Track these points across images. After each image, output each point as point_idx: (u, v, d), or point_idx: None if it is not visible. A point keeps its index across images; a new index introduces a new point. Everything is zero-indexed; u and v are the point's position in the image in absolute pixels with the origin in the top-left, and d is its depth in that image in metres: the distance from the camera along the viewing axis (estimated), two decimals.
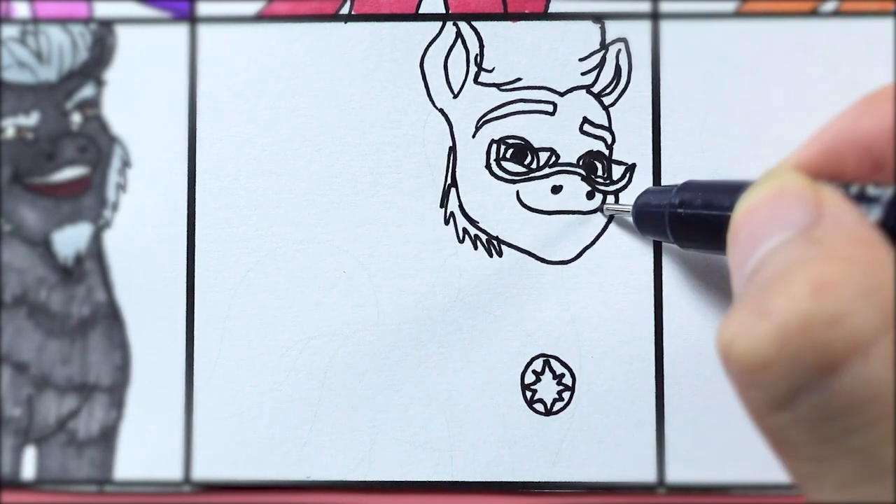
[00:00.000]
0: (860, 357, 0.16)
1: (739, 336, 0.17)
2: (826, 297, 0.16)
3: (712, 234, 0.23)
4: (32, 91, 0.31)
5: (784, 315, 0.17)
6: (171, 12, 0.31)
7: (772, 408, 0.17)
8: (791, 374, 0.17)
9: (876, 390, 0.16)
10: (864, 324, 0.16)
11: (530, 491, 0.30)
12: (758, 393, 0.17)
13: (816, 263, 0.17)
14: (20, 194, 0.31)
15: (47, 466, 0.30)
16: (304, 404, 0.30)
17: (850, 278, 0.17)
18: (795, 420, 0.17)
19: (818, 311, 0.16)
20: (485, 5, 0.31)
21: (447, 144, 0.30)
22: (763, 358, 0.17)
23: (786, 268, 0.17)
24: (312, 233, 0.30)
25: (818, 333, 0.16)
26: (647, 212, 0.28)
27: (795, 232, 0.18)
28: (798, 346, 0.17)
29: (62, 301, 0.31)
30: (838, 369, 0.16)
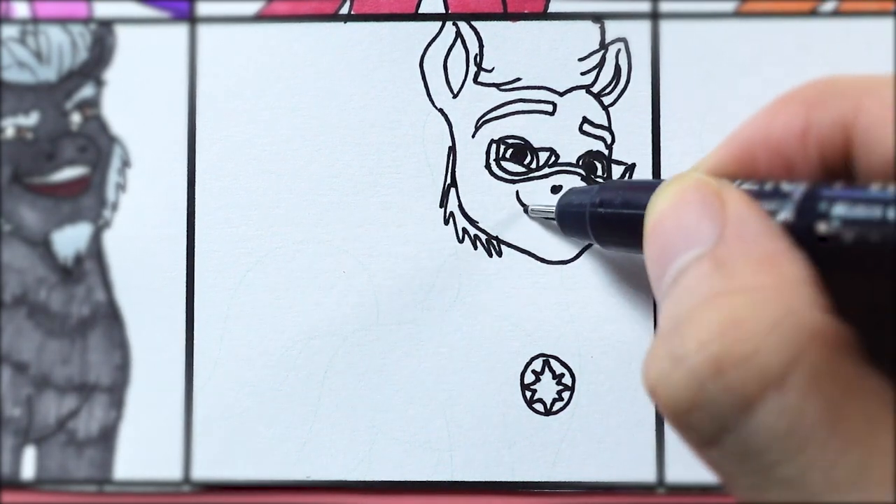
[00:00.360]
0: (775, 391, 0.16)
1: (659, 382, 0.18)
2: (734, 337, 0.17)
3: (631, 233, 0.23)
4: (32, 91, 0.31)
5: (695, 360, 0.17)
6: (170, 12, 0.31)
7: (702, 445, 0.18)
8: (711, 417, 0.17)
9: (794, 421, 0.16)
10: (775, 359, 0.16)
11: (530, 491, 0.30)
12: (687, 432, 0.18)
13: (723, 300, 0.17)
14: (20, 194, 0.31)
15: (47, 466, 0.30)
16: (304, 404, 0.30)
17: (757, 312, 0.17)
18: (725, 456, 0.17)
19: (727, 353, 0.17)
20: (485, 5, 0.31)
21: (447, 144, 0.30)
22: (684, 404, 0.17)
23: (695, 304, 0.18)
24: (312, 233, 0.30)
25: (730, 375, 0.17)
26: (568, 212, 0.28)
27: (703, 249, 0.18)
28: (712, 390, 0.17)
29: (62, 301, 0.31)
30: (754, 407, 0.17)
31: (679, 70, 0.30)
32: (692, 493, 0.29)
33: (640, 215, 0.22)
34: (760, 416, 0.16)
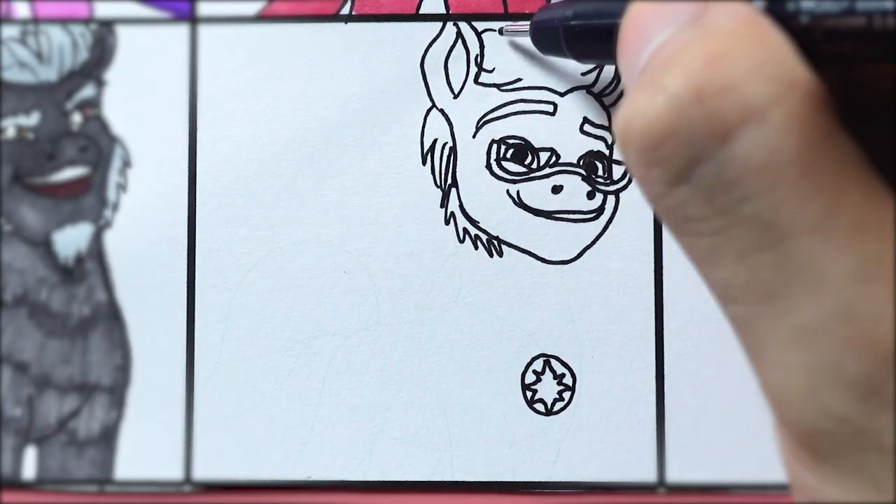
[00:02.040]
0: (754, 124, 0.17)
1: (637, 114, 0.18)
2: (719, 68, 0.17)
3: (606, 44, 0.23)
4: (33, 91, 0.31)
5: (678, 87, 0.17)
6: (171, 12, 0.31)
7: (670, 184, 0.18)
8: (688, 145, 0.17)
9: (770, 155, 0.16)
10: (757, 92, 0.17)
11: (530, 491, 0.30)
12: (656, 171, 0.18)
13: (709, 39, 0.17)
14: (20, 194, 0.31)
15: (48, 466, 0.30)
16: (305, 404, 0.30)
17: (742, 51, 0.17)
18: (693, 193, 0.18)
19: (711, 81, 0.17)
20: (485, 5, 0.31)
21: (448, 144, 0.30)
22: (661, 131, 0.17)
23: (679, 47, 0.18)
24: (312, 233, 0.30)
25: (711, 102, 0.17)
26: (542, 28, 0.28)
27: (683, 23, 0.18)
28: (693, 115, 0.17)
29: (63, 301, 0.31)
30: (732, 137, 0.17)
31: None
32: (692, 493, 0.29)
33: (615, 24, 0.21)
34: (738, 146, 0.17)
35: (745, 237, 0.17)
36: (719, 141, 0.17)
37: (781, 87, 0.17)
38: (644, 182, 0.18)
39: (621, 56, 0.20)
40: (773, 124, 0.16)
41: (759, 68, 0.17)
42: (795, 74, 0.17)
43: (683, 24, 0.18)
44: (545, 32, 0.28)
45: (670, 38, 0.18)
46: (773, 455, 0.29)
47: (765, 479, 0.29)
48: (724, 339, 0.30)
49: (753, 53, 0.17)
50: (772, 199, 0.17)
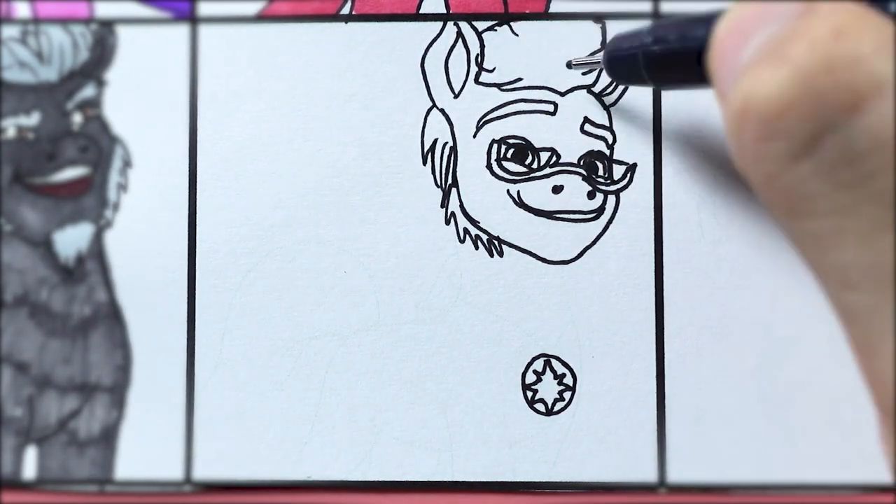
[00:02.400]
0: (881, 98, 0.16)
1: (758, 86, 0.17)
2: (847, 41, 0.16)
3: (690, 66, 0.22)
4: (33, 91, 0.31)
5: (807, 57, 0.17)
6: (171, 12, 0.31)
7: (792, 159, 0.17)
8: (814, 116, 0.17)
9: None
10: (884, 67, 0.16)
11: (531, 491, 0.30)
12: (777, 145, 0.17)
13: (833, 13, 0.17)
14: (21, 194, 0.31)
15: (48, 466, 0.31)
16: (305, 404, 0.30)
17: (866, 28, 0.17)
18: (816, 169, 0.17)
19: (840, 53, 0.16)
20: (485, 5, 0.31)
21: (448, 144, 0.30)
22: (787, 101, 0.17)
23: (800, 23, 0.17)
24: (313, 233, 0.30)
25: (841, 73, 0.16)
26: (619, 56, 0.27)
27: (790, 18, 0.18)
28: (821, 85, 0.16)
29: (63, 301, 0.31)
30: (861, 108, 0.16)
31: None
32: (693, 493, 0.29)
33: (698, 47, 0.21)
34: (868, 117, 0.16)
35: (873, 215, 0.16)
36: (849, 112, 0.16)
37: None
38: (760, 159, 0.18)
39: (716, 61, 0.19)
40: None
41: (884, 45, 0.16)
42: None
43: (789, 20, 0.18)
44: (622, 61, 0.27)
45: (780, 29, 0.18)
46: (773, 455, 0.29)
47: (765, 479, 0.29)
48: (724, 339, 0.30)
49: (877, 32, 0.17)
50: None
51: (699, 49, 0.21)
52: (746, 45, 0.18)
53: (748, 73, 0.18)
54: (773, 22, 0.18)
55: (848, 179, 0.17)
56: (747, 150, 0.18)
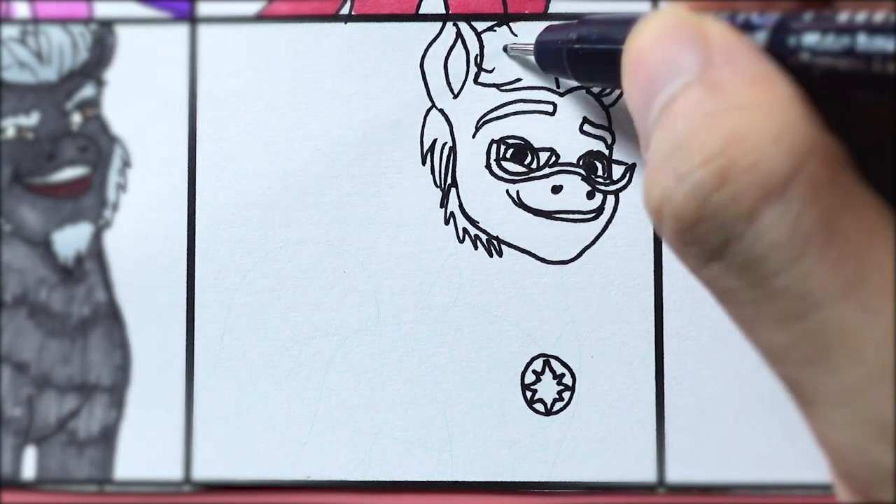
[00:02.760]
0: (776, 200, 0.17)
1: (664, 201, 0.18)
2: (737, 150, 0.17)
3: (609, 68, 0.23)
4: (33, 91, 0.31)
5: (700, 174, 0.17)
6: (171, 12, 0.31)
7: (705, 261, 0.18)
8: (718, 228, 0.17)
9: (794, 228, 0.17)
10: (777, 168, 0.17)
11: (530, 491, 0.30)
12: (691, 249, 0.18)
13: (725, 116, 0.18)
14: (20, 194, 0.31)
15: (47, 466, 0.30)
16: (304, 404, 0.30)
17: (757, 127, 0.17)
18: (727, 270, 0.18)
19: (732, 166, 0.17)
20: (485, 5, 0.31)
21: (448, 144, 0.30)
22: (690, 217, 0.18)
23: (694, 125, 0.18)
24: (312, 233, 0.30)
25: (734, 186, 0.17)
26: (546, 49, 0.28)
27: (690, 76, 0.18)
28: (718, 201, 0.17)
29: (62, 301, 0.31)
30: (757, 215, 0.17)
31: None
32: (692, 493, 0.29)
33: (617, 50, 0.21)
34: (763, 224, 0.17)
35: (780, 308, 0.17)
36: (746, 221, 0.17)
37: (800, 157, 0.17)
38: (681, 256, 0.19)
39: (628, 97, 0.20)
40: (795, 196, 0.17)
41: (777, 140, 0.17)
42: (812, 139, 0.17)
43: (694, 79, 0.18)
44: (549, 53, 0.28)
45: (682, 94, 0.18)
46: (773, 455, 0.29)
47: (765, 479, 0.29)
48: (724, 339, 0.30)
49: (770, 124, 0.17)
50: (800, 270, 0.17)
51: (616, 53, 0.21)
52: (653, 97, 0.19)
53: (655, 180, 0.18)
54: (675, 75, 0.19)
55: (754, 279, 0.17)
56: (668, 244, 0.19)
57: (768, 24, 0.19)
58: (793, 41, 0.18)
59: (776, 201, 0.17)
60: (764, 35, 0.19)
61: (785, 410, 0.29)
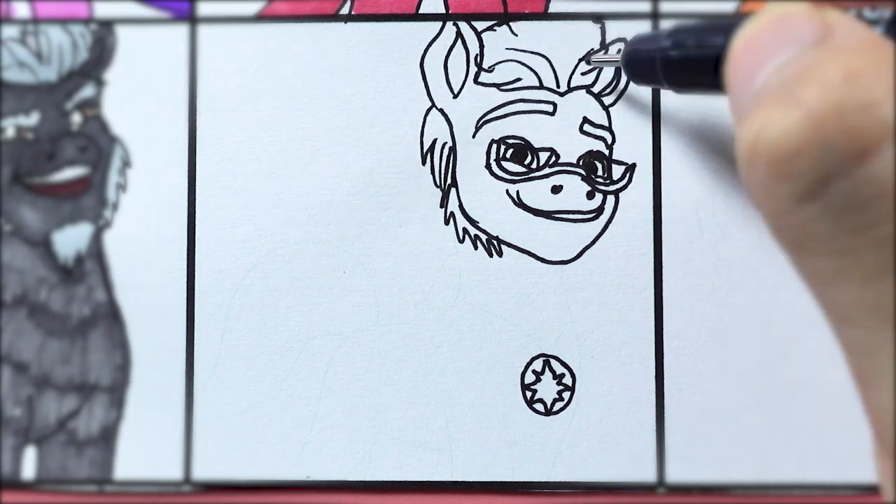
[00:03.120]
0: (888, 146, 0.16)
1: (769, 126, 0.17)
2: (858, 85, 0.17)
3: (708, 74, 0.22)
4: (32, 91, 0.31)
5: (817, 102, 0.17)
6: (171, 12, 0.31)
7: (799, 200, 0.17)
8: (823, 161, 0.17)
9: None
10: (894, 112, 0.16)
11: (530, 491, 0.30)
12: (785, 185, 0.17)
13: (845, 55, 0.17)
14: (20, 194, 0.31)
15: (47, 466, 0.30)
16: (304, 404, 0.30)
17: (878, 70, 0.17)
18: (823, 211, 0.17)
19: (851, 98, 0.16)
20: (485, 5, 0.31)
21: (447, 144, 0.30)
22: (796, 144, 0.17)
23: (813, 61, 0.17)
24: (312, 233, 0.30)
25: (851, 119, 0.16)
26: (637, 59, 0.27)
27: (806, 45, 0.18)
28: (831, 131, 0.17)
29: (62, 301, 0.31)
30: (870, 155, 0.16)
31: None
32: (692, 493, 0.29)
33: (717, 54, 0.21)
34: (876, 165, 0.16)
35: (877, 259, 0.17)
36: (857, 158, 0.16)
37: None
38: (769, 196, 0.18)
39: (732, 77, 0.19)
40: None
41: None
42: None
43: (808, 45, 0.18)
44: (641, 62, 0.27)
45: (796, 56, 0.18)
46: (773, 455, 0.29)
47: (765, 479, 0.29)
48: (723, 339, 0.30)
49: (889, 73, 0.17)
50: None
51: (717, 57, 0.21)
52: (762, 67, 0.18)
53: (760, 111, 0.18)
54: (789, 46, 0.18)
55: (853, 224, 0.17)
56: (757, 185, 0.18)
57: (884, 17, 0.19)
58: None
59: (892, 146, 0.16)
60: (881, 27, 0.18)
61: (785, 410, 0.29)
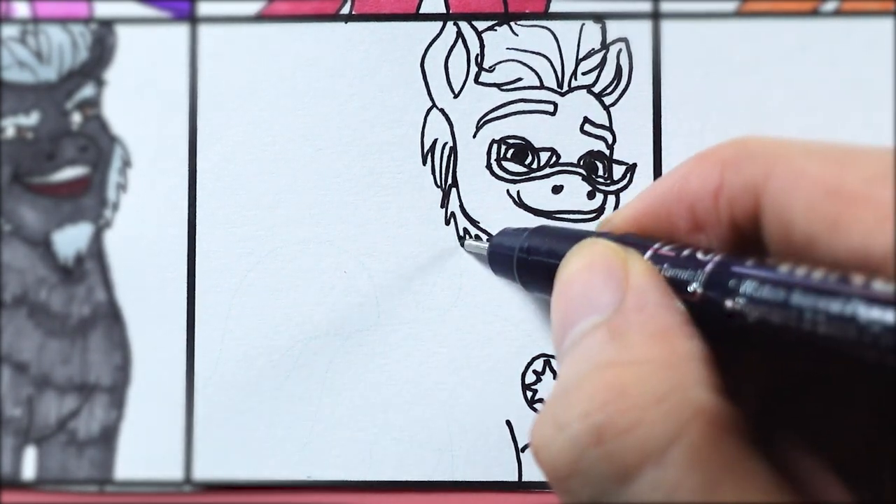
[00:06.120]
0: (653, 465, 0.16)
1: (542, 448, 0.18)
2: (618, 408, 0.17)
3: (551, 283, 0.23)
4: (32, 91, 0.31)
5: (577, 428, 0.17)
6: (171, 12, 0.31)
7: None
8: (589, 484, 0.17)
9: (669, 496, 0.16)
10: (656, 432, 0.16)
11: (531, 491, 0.30)
12: (565, 496, 0.18)
13: (612, 370, 0.18)
14: (20, 194, 0.31)
15: (47, 466, 0.30)
16: (305, 404, 0.30)
17: (643, 385, 0.17)
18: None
19: (610, 424, 0.17)
20: (485, 5, 0.31)
21: (448, 144, 0.30)
22: (564, 469, 0.17)
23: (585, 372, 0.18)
24: (313, 233, 0.30)
25: (611, 445, 0.17)
26: (498, 253, 0.28)
27: (602, 317, 0.19)
28: (592, 458, 0.17)
29: (62, 301, 0.31)
30: (632, 478, 0.17)
31: (680, 70, 0.30)
32: None
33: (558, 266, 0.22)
34: (637, 488, 0.17)
35: None
36: (619, 482, 0.17)
37: (682, 421, 0.16)
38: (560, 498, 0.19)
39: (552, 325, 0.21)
40: (673, 463, 0.16)
41: (661, 401, 0.17)
42: (699, 402, 0.17)
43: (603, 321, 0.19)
44: (500, 258, 0.28)
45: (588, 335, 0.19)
46: None
47: None
48: None
49: (657, 384, 0.17)
50: None
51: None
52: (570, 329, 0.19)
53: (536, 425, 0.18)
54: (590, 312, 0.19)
55: None
56: None
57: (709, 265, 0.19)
58: (732, 284, 0.18)
59: (653, 467, 0.16)
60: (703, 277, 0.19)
61: None
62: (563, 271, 0.21)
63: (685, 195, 0.21)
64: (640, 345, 0.18)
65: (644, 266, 0.20)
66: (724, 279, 0.19)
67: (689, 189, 0.21)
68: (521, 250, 0.26)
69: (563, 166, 0.30)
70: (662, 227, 0.22)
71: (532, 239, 0.26)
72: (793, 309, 0.17)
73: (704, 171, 0.21)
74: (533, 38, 0.30)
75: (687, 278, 0.19)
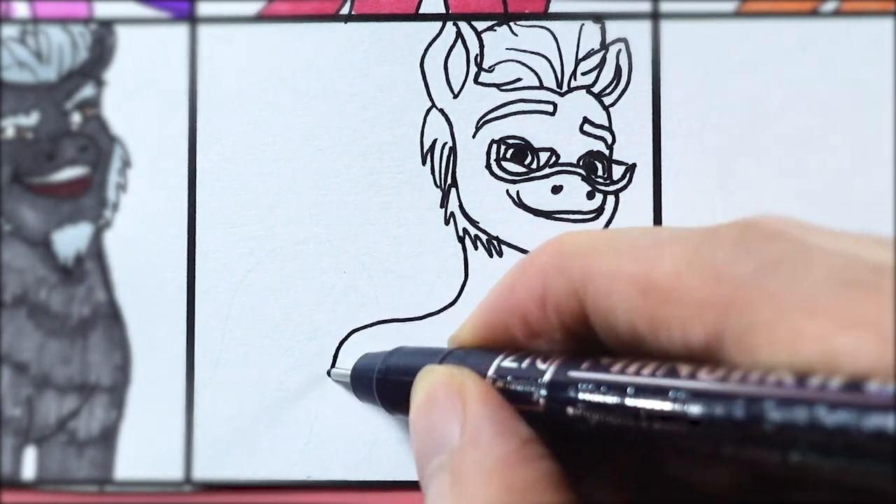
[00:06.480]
0: None
1: None
2: None
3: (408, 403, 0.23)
4: (32, 91, 0.31)
5: None
6: (171, 12, 0.31)
7: None
8: None
9: None
10: None
11: None
12: None
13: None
14: (20, 194, 0.31)
15: (47, 466, 0.30)
16: (305, 404, 0.30)
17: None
18: None
19: None
20: (485, 5, 0.31)
21: (448, 145, 0.30)
22: None
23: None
24: (312, 233, 0.30)
25: None
26: (360, 377, 0.28)
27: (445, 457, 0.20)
28: None
29: (62, 301, 0.31)
30: None
31: (679, 70, 0.30)
32: None
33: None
34: None
35: None
36: None
37: None
38: None
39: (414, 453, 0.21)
40: None
41: None
42: None
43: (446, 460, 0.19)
44: (362, 381, 0.28)
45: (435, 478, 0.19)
46: None
47: None
48: None
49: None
50: None
51: None
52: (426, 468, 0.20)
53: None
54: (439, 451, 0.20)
55: None
56: None
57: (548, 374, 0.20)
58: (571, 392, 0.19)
59: None
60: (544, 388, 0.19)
61: None
62: (411, 404, 0.22)
63: (515, 307, 0.21)
64: (475, 486, 0.18)
65: (479, 391, 0.20)
66: (563, 387, 0.19)
67: (517, 300, 0.21)
68: (381, 371, 0.26)
69: (562, 166, 0.30)
70: (503, 338, 0.22)
71: (389, 359, 0.26)
72: (628, 410, 0.17)
73: (528, 281, 0.21)
74: (532, 39, 0.30)
75: (531, 389, 0.20)
